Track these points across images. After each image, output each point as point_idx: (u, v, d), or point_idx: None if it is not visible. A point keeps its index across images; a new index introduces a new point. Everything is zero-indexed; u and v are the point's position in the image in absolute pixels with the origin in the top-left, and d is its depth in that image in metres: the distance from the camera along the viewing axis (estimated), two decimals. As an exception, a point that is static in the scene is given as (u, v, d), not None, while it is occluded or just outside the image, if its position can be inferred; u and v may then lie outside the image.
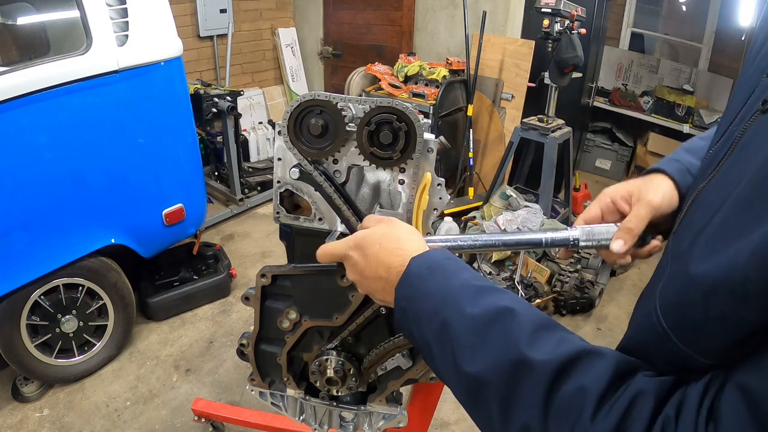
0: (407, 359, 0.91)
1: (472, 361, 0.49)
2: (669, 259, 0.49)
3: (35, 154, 1.89)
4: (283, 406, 1.04)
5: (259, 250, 3.40)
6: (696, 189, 0.51)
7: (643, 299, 0.55)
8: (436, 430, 2.09)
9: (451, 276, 0.55)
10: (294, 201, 0.85)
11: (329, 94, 0.74)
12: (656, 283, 0.48)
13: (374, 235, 0.63)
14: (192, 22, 4.26)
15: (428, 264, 0.57)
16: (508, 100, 3.73)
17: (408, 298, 0.57)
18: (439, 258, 0.58)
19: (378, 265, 0.61)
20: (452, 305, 0.52)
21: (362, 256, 0.63)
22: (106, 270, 2.24)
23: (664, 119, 4.41)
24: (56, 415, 2.12)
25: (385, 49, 4.57)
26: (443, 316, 0.52)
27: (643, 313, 0.49)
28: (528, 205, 3.03)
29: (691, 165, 0.68)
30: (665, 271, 0.48)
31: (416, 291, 0.56)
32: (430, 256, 0.59)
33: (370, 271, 0.62)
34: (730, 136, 0.48)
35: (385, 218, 0.66)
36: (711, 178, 0.48)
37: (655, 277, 0.54)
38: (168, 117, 2.31)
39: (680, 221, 0.52)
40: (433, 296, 0.54)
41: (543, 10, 2.85)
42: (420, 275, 0.57)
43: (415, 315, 0.56)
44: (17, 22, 2.16)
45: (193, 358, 2.46)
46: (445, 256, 0.59)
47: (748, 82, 0.51)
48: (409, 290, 0.57)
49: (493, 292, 0.53)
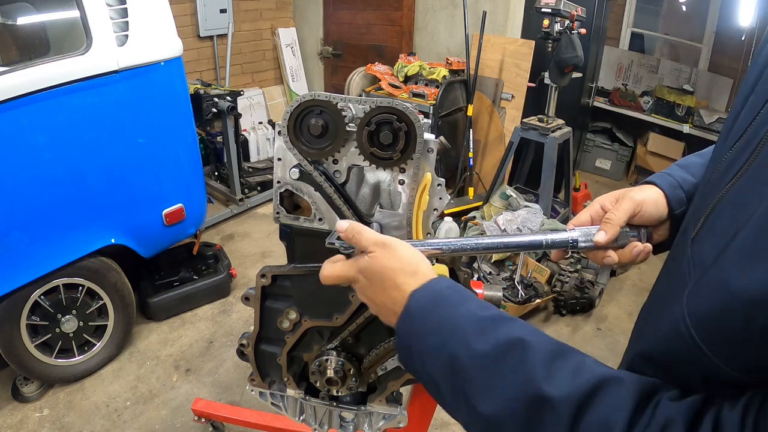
0: (407, 359, 0.91)
1: (486, 400, 0.46)
2: (691, 267, 0.47)
3: (35, 154, 1.89)
4: (283, 407, 1.04)
5: (259, 250, 3.40)
6: (717, 193, 0.48)
7: (658, 305, 0.53)
8: (436, 430, 2.09)
9: (456, 308, 0.53)
10: (294, 201, 0.85)
11: (329, 94, 0.73)
12: (678, 291, 0.46)
13: (374, 264, 0.60)
14: (192, 22, 4.26)
15: (431, 296, 0.55)
16: (508, 100, 3.73)
17: (411, 334, 0.55)
18: (441, 288, 0.56)
19: (384, 296, 0.59)
20: (460, 340, 0.50)
21: (368, 284, 0.61)
22: (106, 270, 2.24)
23: (664, 119, 4.41)
24: (56, 415, 2.12)
25: (385, 49, 4.57)
26: (451, 353, 0.50)
27: (665, 321, 0.47)
28: (528, 205, 3.03)
29: (683, 180, 0.69)
30: (688, 279, 0.46)
31: (420, 326, 0.54)
32: (431, 288, 0.56)
33: (378, 298, 0.61)
34: (754, 136, 0.46)
35: (384, 241, 0.61)
36: (735, 180, 0.46)
37: (671, 283, 0.52)
38: (168, 117, 2.31)
39: (700, 226, 0.49)
40: (439, 332, 0.52)
41: (543, 10, 2.85)
42: (423, 309, 0.54)
43: (420, 352, 0.54)
44: (17, 22, 2.16)
45: (193, 358, 2.46)
46: (447, 284, 0.56)
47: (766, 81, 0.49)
48: (411, 326, 0.55)
49: (501, 323, 0.51)
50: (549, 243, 0.67)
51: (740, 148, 0.48)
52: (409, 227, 0.77)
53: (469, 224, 3.09)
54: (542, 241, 0.67)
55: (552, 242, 0.67)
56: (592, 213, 0.71)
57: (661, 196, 0.68)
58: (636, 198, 0.66)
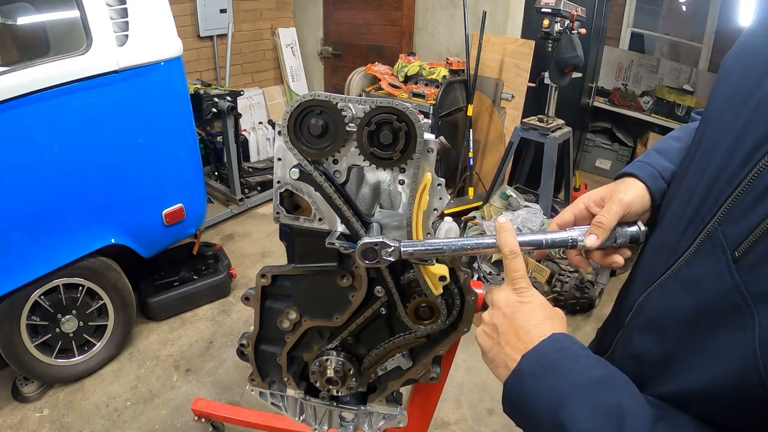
0: (407, 359, 0.91)
1: None
2: (749, 300, 0.43)
3: (35, 154, 1.89)
4: (283, 406, 1.04)
5: (259, 250, 3.40)
6: (760, 213, 0.44)
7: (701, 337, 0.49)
8: (436, 430, 2.09)
9: (565, 374, 0.54)
10: (294, 201, 0.85)
11: (329, 94, 0.73)
12: (728, 324, 0.44)
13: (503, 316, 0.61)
14: (192, 22, 4.26)
15: (540, 362, 0.56)
16: (508, 100, 3.72)
17: (520, 395, 0.57)
18: (550, 352, 0.56)
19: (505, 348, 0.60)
20: (567, 410, 0.51)
21: (497, 334, 0.62)
22: (106, 270, 2.24)
23: (664, 119, 4.41)
24: (56, 415, 2.12)
25: (385, 49, 4.57)
26: (559, 422, 0.51)
27: (720, 362, 0.45)
28: (528, 205, 3.03)
29: (663, 169, 0.69)
30: (745, 316, 0.43)
31: (529, 390, 0.56)
32: (540, 352, 0.57)
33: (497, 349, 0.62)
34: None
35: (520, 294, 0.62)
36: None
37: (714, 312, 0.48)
38: (168, 117, 2.31)
39: (748, 251, 0.44)
40: (546, 398, 0.54)
41: (543, 10, 2.85)
42: (533, 374, 0.56)
43: (527, 414, 0.56)
44: (17, 22, 2.16)
45: (193, 358, 2.46)
46: (556, 347, 0.57)
47: None
48: (520, 388, 0.57)
49: (606, 389, 0.52)
50: (549, 242, 0.67)
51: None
52: (409, 227, 0.77)
53: (469, 224, 3.09)
54: (542, 240, 0.67)
55: (552, 242, 0.67)
56: (575, 212, 0.71)
57: (644, 191, 0.68)
58: (625, 200, 0.66)
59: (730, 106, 0.54)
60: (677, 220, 0.58)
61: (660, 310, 0.57)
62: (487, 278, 2.79)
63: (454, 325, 0.86)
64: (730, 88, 0.55)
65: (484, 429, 2.11)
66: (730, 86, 0.55)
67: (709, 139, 0.58)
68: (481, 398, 2.23)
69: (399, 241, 0.69)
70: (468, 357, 2.40)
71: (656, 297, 0.58)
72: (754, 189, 0.46)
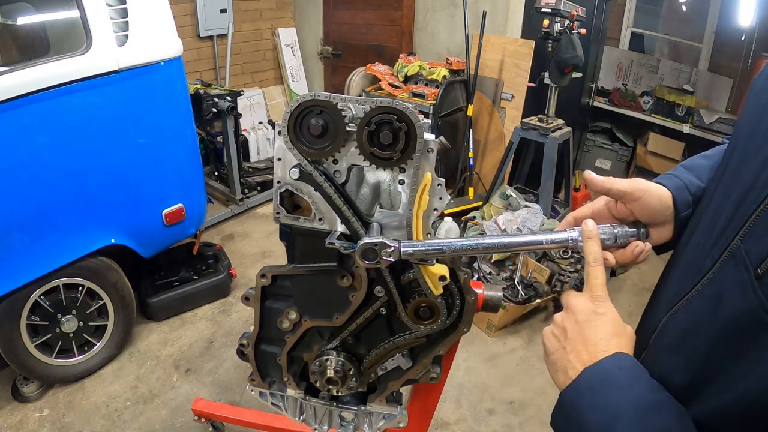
0: (407, 359, 0.91)
1: None
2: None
3: (35, 154, 1.89)
4: (283, 406, 1.04)
5: (259, 250, 3.40)
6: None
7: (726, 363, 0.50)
8: (436, 430, 2.09)
9: (623, 391, 0.54)
10: (294, 201, 0.85)
11: (329, 94, 0.73)
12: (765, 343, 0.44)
13: (575, 323, 0.61)
14: (192, 22, 4.26)
15: (601, 376, 0.56)
16: (508, 100, 3.73)
17: (576, 406, 0.57)
18: (612, 370, 0.57)
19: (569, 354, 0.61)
20: (619, 427, 0.52)
21: (564, 338, 0.62)
22: (106, 270, 2.24)
23: (664, 119, 4.41)
24: (56, 415, 2.12)
25: (385, 49, 4.57)
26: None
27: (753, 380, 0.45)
28: (528, 205, 3.03)
29: (690, 182, 0.68)
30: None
31: (586, 403, 0.56)
32: (603, 367, 0.57)
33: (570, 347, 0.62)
34: None
35: (596, 304, 0.62)
36: None
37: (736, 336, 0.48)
38: (168, 117, 2.31)
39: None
40: (601, 412, 0.54)
41: (543, 10, 2.85)
42: (591, 387, 0.56)
43: (580, 427, 0.56)
44: (17, 22, 2.16)
45: (193, 358, 2.46)
46: (618, 365, 0.57)
47: None
48: (578, 399, 0.57)
49: (660, 414, 0.52)
50: (549, 242, 0.67)
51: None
52: (409, 227, 0.77)
53: (469, 224, 3.09)
54: (542, 240, 0.67)
55: (552, 241, 0.67)
56: (594, 210, 0.70)
57: (667, 195, 0.67)
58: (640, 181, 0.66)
59: (760, 127, 0.53)
60: (704, 241, 0.57)
61: (685, 329, 0.56)
62: (487, 278, 2.79)
63: (454, 325, 0.87)
64: (759, 109, 0.55)
65: (484, 429, 2.11)
66: (760, 107, 0.55)
67: (738, 159, 0.57)
68: (481, 398, 2.23)
69: (399, 241, 0.69)
70: (468, 357, 2.40)
71: (681, 316, 0.58)
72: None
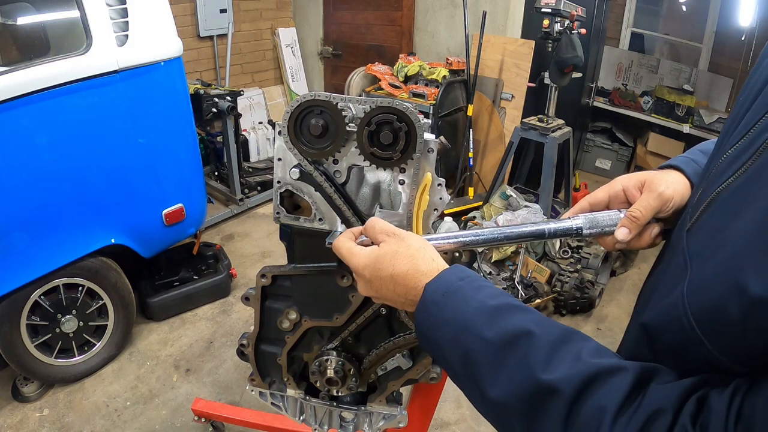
0: (407, 359, 0.91)
1: (494, 387, 0.50)
2: (687, 257, 0.48)
3: (35, 154, 1.89)
4: (283, 407, 1.04)
5: (259, 250, 3.40)
6: (714, 188, 0.49)
7: (658, 293, 0.53)
8: (436, 430, 2.09)
9: (467, 300, 0.55)
10: (294, 201, 0.85)
11: (329, 94, 0.73)
12: (676, 281, 0.47)
13: (386, 256, 0.62)
14: (192, 22, 4.26)
15: (443, 289, 0.57)
16: (508, 100, 3.73)
17: (428, 325, 0.58)
18: (453, 280, 0.58)
19: (395, 286, 0.61)
20: (471, 333, 0.53)
21: (376, 277, 0.63)
22: (106, 270, 2.24)
23: (664, 119, 4.41)
24: (56, 415, 2.12)
25: (385, 49, 4.57)
26: (463, 345, 0.53)
27: (666, 310, 0.48)
28: (528, 205, 3.03)
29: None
30: (686, 269, 0.47)
31: (435, 319, 0.57)
32: (444, 280, 0.58)
33: (386, 291, 0.63)
34: (757, 138, 0.46)
35: (394, 233, 0.64)
36: (734, 179, 0.47)
37: (669, 272, 0.52)
38: (168, 117, 2.31)
39: (696, 218, 0.50)
40: (451, 324, 0.55)
41: (543, 10, 2.85)
42: (436, 302, 0.57)
43: (436, 342, 0.57)
44: (17, 22, 2.16)
45: (193, 358, 2.46)
46: (459, 276, 0.58)
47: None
48: (427, 318, 0.58)
49: (509, 312, 0.53)
50: (552, 232, 0.65)
51: (742, 147, 0.49)
52: (409, 227, 0.77)
53: (469, 224, 3.09)
54: (545, 230, 0.65)
55: (555, 231, 0.65)
56: (611, 194, 0.67)
57: (687, 188, 0.64)
58: (665, 195, 0.62)
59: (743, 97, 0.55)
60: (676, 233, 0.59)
61: (651, 289, 0.60)
62: (487, 278, 2.79)
63: (454, 325, 0.86)
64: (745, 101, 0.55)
65: (484, 429, 2.11)
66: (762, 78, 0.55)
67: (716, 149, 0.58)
68: (481, 398, 2.23)
69: None
70: (468, 357, 2.40)
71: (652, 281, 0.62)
72: (718, 168, 0.51)
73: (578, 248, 2.90)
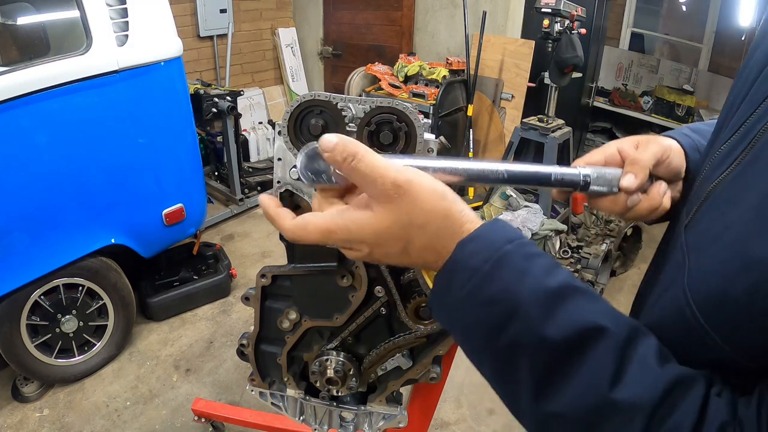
0: (407, 359, 0.91)
1: (550, 398, 0.42)
2: (686, 252, 0.47)
3: (35, 154, 1.89)
4: (283, 407, 1.04)
5: (259, 250, 3.40)
6: (709, 184, 0.48)
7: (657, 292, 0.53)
8: (436, 430, 2.09)
9: (518, 274, 0.43)
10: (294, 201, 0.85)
11: (329, 94, 0.73)
12: (675, 277, 0.47)
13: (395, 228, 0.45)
14: (192, 22, 4.26)
15: (486, 254, 0.43)
16: (508, 100, 3.73)
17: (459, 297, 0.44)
18: (499, 242, 0.44)
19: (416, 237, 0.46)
20: (523, 324, 0.42)
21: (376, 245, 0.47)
22: (106, 270, 2.24)
23: (664, 119, 4.41)
24: (56, 415, 2.12)
25: (385, 49, 4.57)
26: (511, 336, 0.42)
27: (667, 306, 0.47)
28: (528, 205, 3.03)
29: (700, 144, 0.65)
30: (684, 264, 0.46)
31: (471, 293, 0.43)
32: (486, 240, 0.44)
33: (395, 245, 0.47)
34: (750, 130, 0.46)
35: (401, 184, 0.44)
36: (728, 173, 0.46)
37: (664, 272, 0.52)
38: (168, 117, 2.31)
39: (693, 214, 0.50)
40: (495, 305, 0.43)
41: (543, 10, 2.85)
42: (476, 270, 0.43)
43: (461, 320, 0.45)
44: (17, 22, 2.16)
45: (193, 358, 2.46)
46: (507, 236, 0.44)
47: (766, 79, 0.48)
48: (460, 288, 0.44)
49: (573, 300, 0.43)
50: (558, 178, 0.57)
51: (736, 141, 0.48)
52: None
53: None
54: (551, 174, 0.57)
55: (562, 177, 0.57)
56: (606, 155, 0.61)
57: (682, 155, 0.62)
58: (664, 143, 0.59)
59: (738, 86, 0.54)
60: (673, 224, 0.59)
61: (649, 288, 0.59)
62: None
63: (454, 325, 0.86)
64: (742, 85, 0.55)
65: (484, 429, 2.11)
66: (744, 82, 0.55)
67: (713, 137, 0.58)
68: (481, 398, 2.23)
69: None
70: (468, 357, 2.40)
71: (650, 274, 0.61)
72: (713, 163, 0.50)
73: (578, 248, 2.90)
